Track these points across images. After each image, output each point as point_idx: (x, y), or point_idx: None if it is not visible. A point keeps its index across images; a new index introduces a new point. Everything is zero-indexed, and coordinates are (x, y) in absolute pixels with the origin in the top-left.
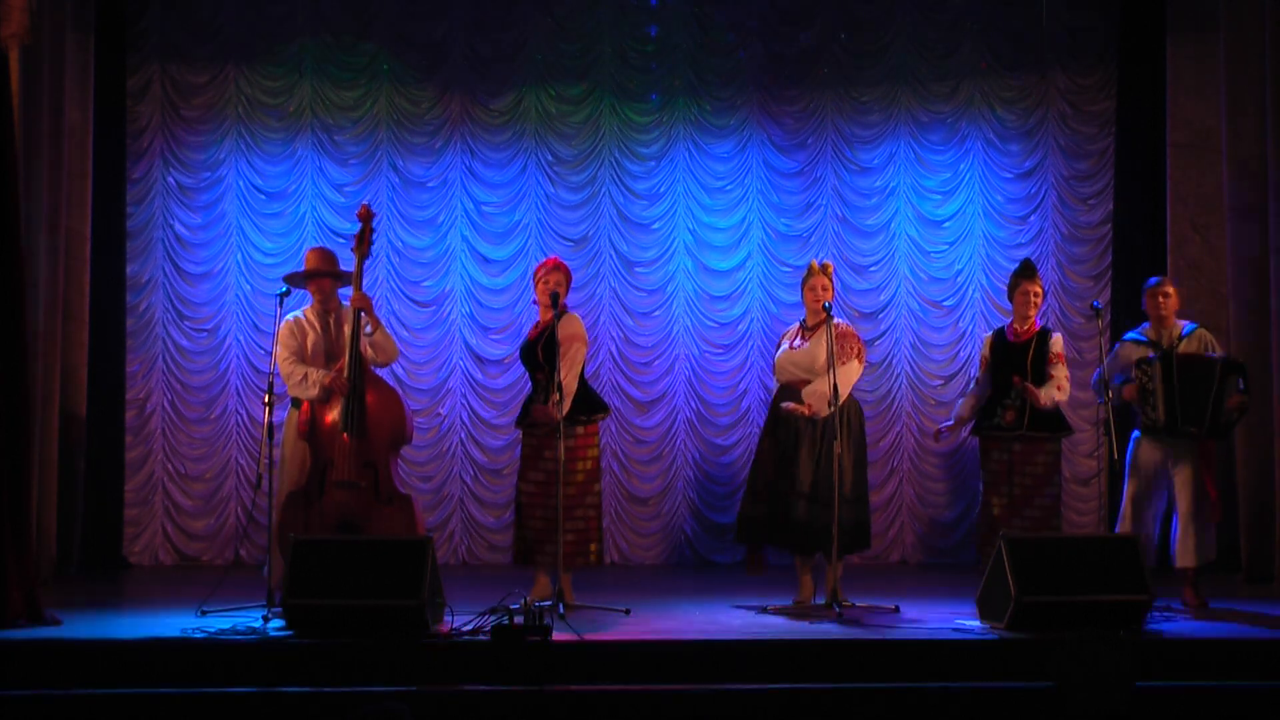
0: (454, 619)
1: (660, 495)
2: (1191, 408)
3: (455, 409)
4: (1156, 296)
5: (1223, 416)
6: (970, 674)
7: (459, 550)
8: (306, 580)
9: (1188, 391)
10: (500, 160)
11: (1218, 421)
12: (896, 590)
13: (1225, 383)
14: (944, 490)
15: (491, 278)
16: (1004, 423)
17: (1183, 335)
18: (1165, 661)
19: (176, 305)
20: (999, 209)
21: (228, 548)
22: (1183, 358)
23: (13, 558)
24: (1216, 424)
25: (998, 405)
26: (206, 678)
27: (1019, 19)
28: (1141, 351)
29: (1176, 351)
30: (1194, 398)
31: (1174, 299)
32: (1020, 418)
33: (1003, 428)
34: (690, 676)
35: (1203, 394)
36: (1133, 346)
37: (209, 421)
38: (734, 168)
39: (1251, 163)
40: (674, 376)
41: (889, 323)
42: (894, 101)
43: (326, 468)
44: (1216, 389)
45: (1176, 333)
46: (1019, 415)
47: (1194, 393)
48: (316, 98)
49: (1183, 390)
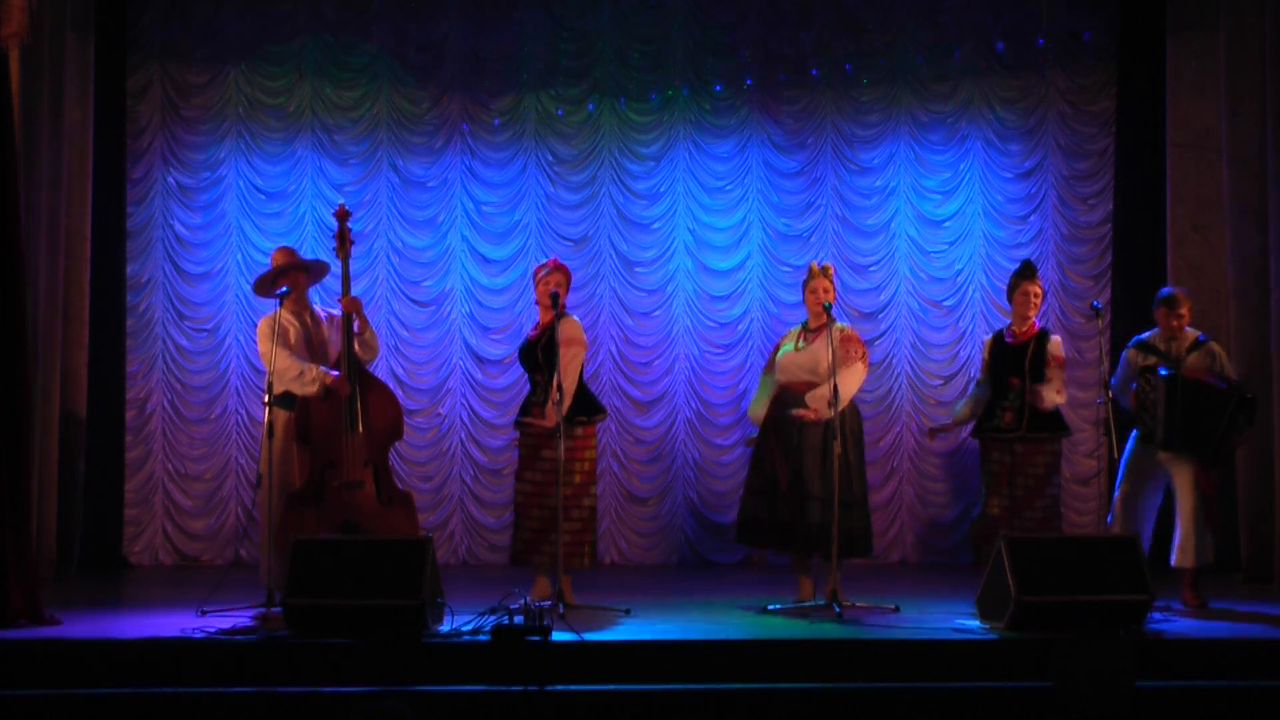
0: (454, 619)
1: (660, 495)
2: (1196, 434)
3: (455, 409)
4: (1170, 319)
5: (1228, 449)
6: (970, 674)
7: (459, 550)
8: (306, 580)
9: (1193, 418)
10: (500, 160)
11: (1220, 453)
12: (896, 590)
13: (1236, 418)
14: (944, 490)
15: (491, 278)
16: (1003, 424)
17: (1192, 347)
18: (1165, 661)
19: (176, 305)
20: (999, 209)
21: (228, 548)
22: (1190, 384)
23: (13, 558)
24: (1219, 454)
25: (996, 407)
26: (206, 678)
27: (1019, 19)
28: (1148, 360)
29: (1184, 369)
30: (1199, 425)
31: (1187, 318)
32: (1019, 419)
33: (1002, 429)
34: (690, 676)
35: (1210, 425)
36: (1139, 354)
37: (209, 421)
38: (734, 168)
39: (1251, 163)
40: (674, 376)
41: (889, 323)
42: (894, 101)
43: (326, 469)
44: (1226, 423)
45: (1186, 344)
46: (1018, 416)
47: (1200, 421)
48: (316, 98)
49: (1187, 415)
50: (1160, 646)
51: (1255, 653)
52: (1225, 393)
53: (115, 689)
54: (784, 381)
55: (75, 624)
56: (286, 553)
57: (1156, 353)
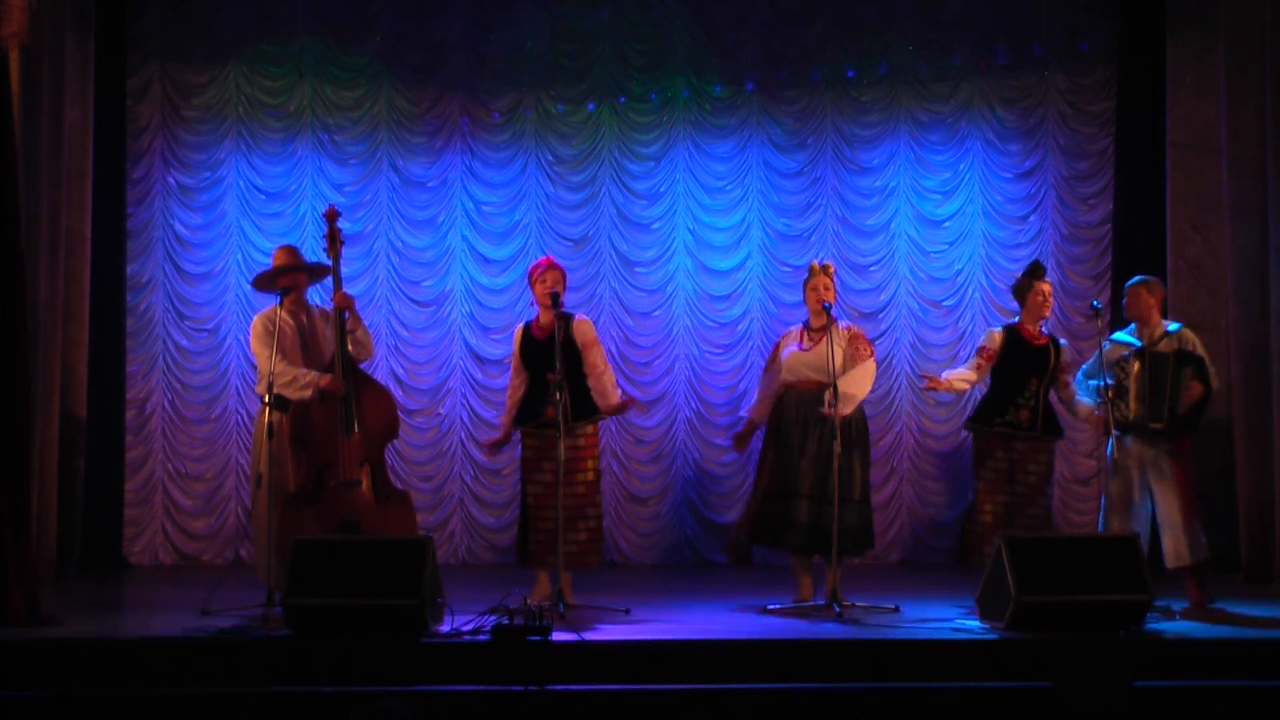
0: (454, 619)
1: (660, 495)
2: (1156, 402)
3: (455, 409)
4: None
5: (1180, 409)
6: (970, 674)
7: (459, 550)
8: (306, 580)
9: (1155, 387)
10: (500, 160)
11: (1175, 414)
12: (896, 590)
13: (1179, 375)
14: (943, 490)
15: (491, 278)
16: (1018, 421)
17: (1164, 335)
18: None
19: (176, 305)
20: (999, 209)
21: (228, 548)
22: (1152, 355)
23: (13, 558)
24: (1175, 416)
25: (1009, 403)
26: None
27: (1019, 19)
28: (1122, 351)
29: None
30: (1157, 392)
31: (1145, 297)
32: (1035, 417)
33: (1017, 425)
34: (690, 676)
35: (1162, 388)
36: (1115, 346)
37: (209, 421)
38: (734, 168)
39: (1251, 163)
40: (674, 376)
41: (889, 323)
42: (894, 101)
43: (322, 470)
44: (1171, 381)
45: (1159, 332)
46: (1034, 415)
47: (1158, 388)
48: (316, 98)
49: (1152, 386)
50: (1160, 646)
51: (1255, 653)
52: (1170, 354)
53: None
54: (790, 381)
55: (75, 624)
56: (286, 553)
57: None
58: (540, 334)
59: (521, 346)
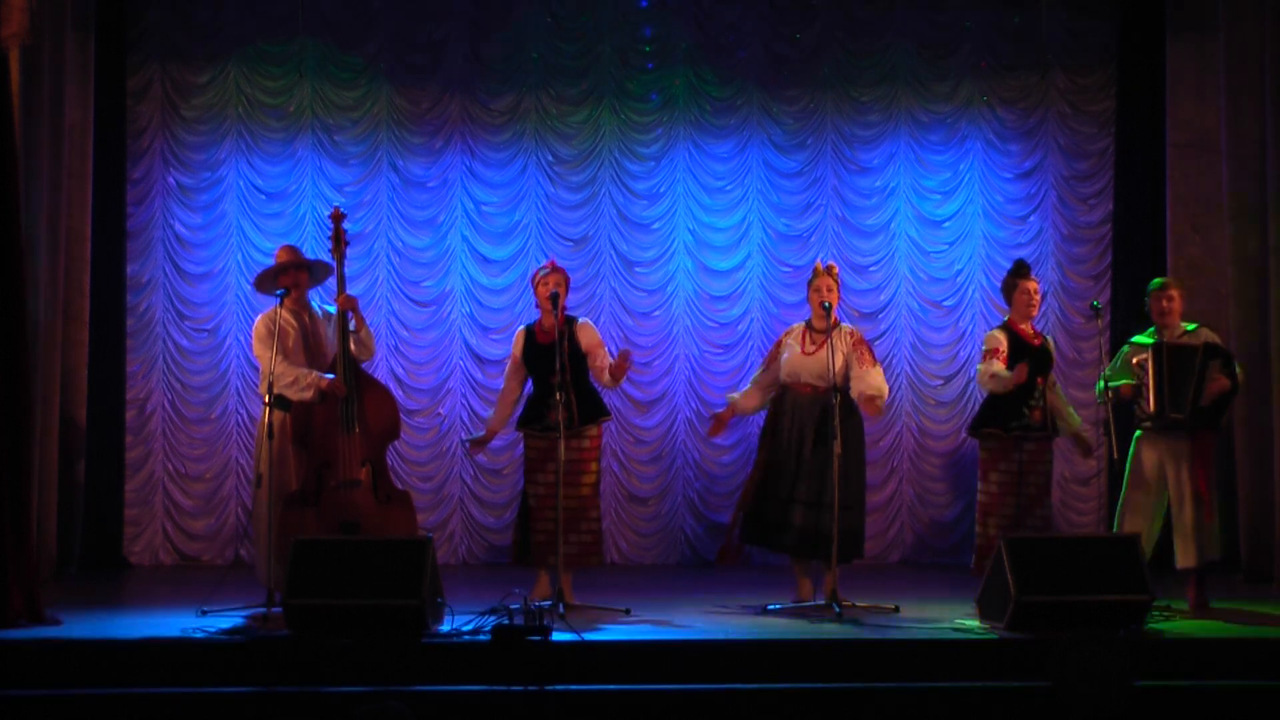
0: (454, 619)
1: (660, 495)
2: (1177, 396)
3: (455, 409)
4: (1160, 300)
5: (1204, 400)
6: (970, 674)
7: (459, 550)
8: (306, 580)
9: (1176, 381)
10: (500, 160)
11: (1199, 407)
12: (896, 590)
13: (1206, 366)
14: (944, 490)
15: (491, 278)
16: (1032, 422)
17: (1185, 333)
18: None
19: (176, 305)
20: (999, 209)
21: (228, 548)
22: (1172, 348)
23: (13, 558)
24: (1199, 409)
25: (1023, 405)
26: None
27: (1019, 19)
28: (1142, 354)
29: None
30: (1179, 385)
31: (1178, 302)
32: (1045, 417)
33: (1030, 427)
34: (690, 676)
35: (1186, 380)
36: (1135, 349)
37: (209, 421)
38: (734, 168)
39: (1251, 163)
40: (674, 376)
41: (889, 323)
42: (894, 101)
43: (322, 470)
44: (1197, 374)
45: (1179, 333)
46: (1044, 415)
47: (1180, 381)
48: (316, 98)
49: (1171, 380)
50: (1160, 646)
51: (1255, 653)
52: (1196, 346)
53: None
54: (789, 383)
55: (75, 624)
56: (286, 553)
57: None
58: (544, 338)
59: (524, 350)
